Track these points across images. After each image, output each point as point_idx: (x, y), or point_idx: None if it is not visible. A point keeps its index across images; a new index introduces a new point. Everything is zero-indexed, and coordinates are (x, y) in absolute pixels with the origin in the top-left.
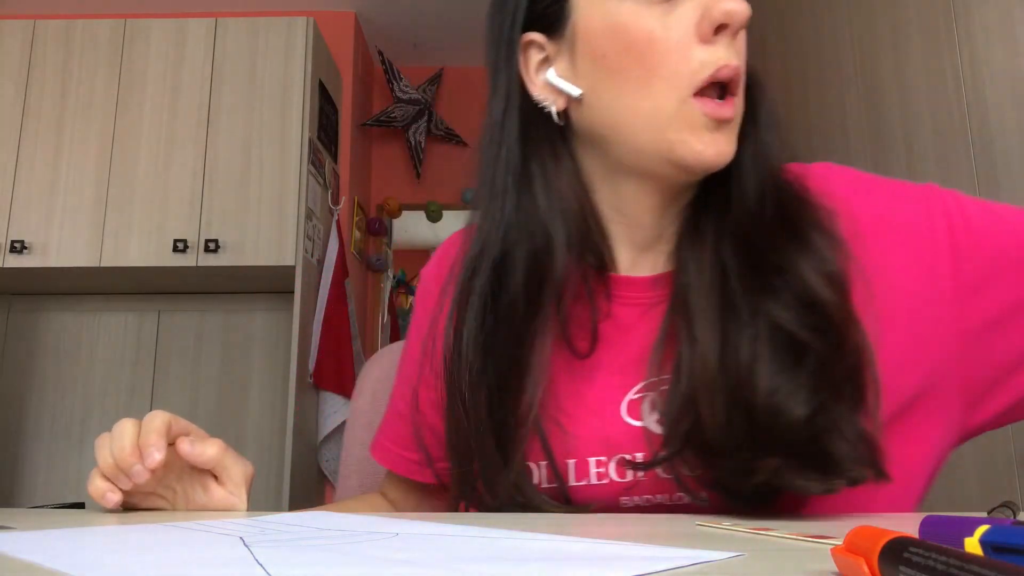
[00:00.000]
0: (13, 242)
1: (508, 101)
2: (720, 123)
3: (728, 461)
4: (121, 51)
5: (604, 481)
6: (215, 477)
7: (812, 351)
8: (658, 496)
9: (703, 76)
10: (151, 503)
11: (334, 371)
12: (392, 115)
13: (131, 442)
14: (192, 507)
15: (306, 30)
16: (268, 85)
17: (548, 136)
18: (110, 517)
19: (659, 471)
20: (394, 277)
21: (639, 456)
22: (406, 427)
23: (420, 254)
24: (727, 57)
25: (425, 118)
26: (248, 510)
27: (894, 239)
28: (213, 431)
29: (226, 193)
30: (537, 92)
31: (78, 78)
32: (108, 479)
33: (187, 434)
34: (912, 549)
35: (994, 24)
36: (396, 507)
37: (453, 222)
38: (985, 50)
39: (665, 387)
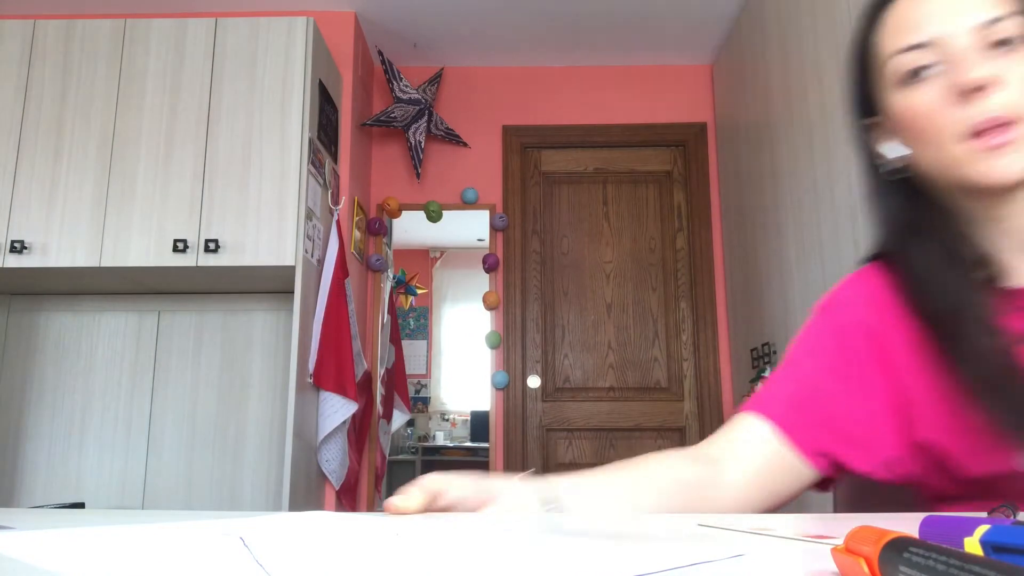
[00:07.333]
0: (13, 242)
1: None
2: (996, 149)
3: None
4: (121, 51)
5: None
6: None
7: None
8: None
9: (961, 129)
10: None
11: (334, 371)
12: (392, 115)
13: None
14: None
15: (306, 30)
16: (268, 85)
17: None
18: (110, 518)
19: None
20: (394, 277)
21: None
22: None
23: (420, 254)
24: (978, 114)
25: (425, 118)
26: (250, 508)
27: None
28: (213, 431)
29: (226, 193)
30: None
31: (78, 78)
32: None
33: None
34: (912, 549)
35: None
36: (720, 473)
37: (453, 222)
38: None
39: None
